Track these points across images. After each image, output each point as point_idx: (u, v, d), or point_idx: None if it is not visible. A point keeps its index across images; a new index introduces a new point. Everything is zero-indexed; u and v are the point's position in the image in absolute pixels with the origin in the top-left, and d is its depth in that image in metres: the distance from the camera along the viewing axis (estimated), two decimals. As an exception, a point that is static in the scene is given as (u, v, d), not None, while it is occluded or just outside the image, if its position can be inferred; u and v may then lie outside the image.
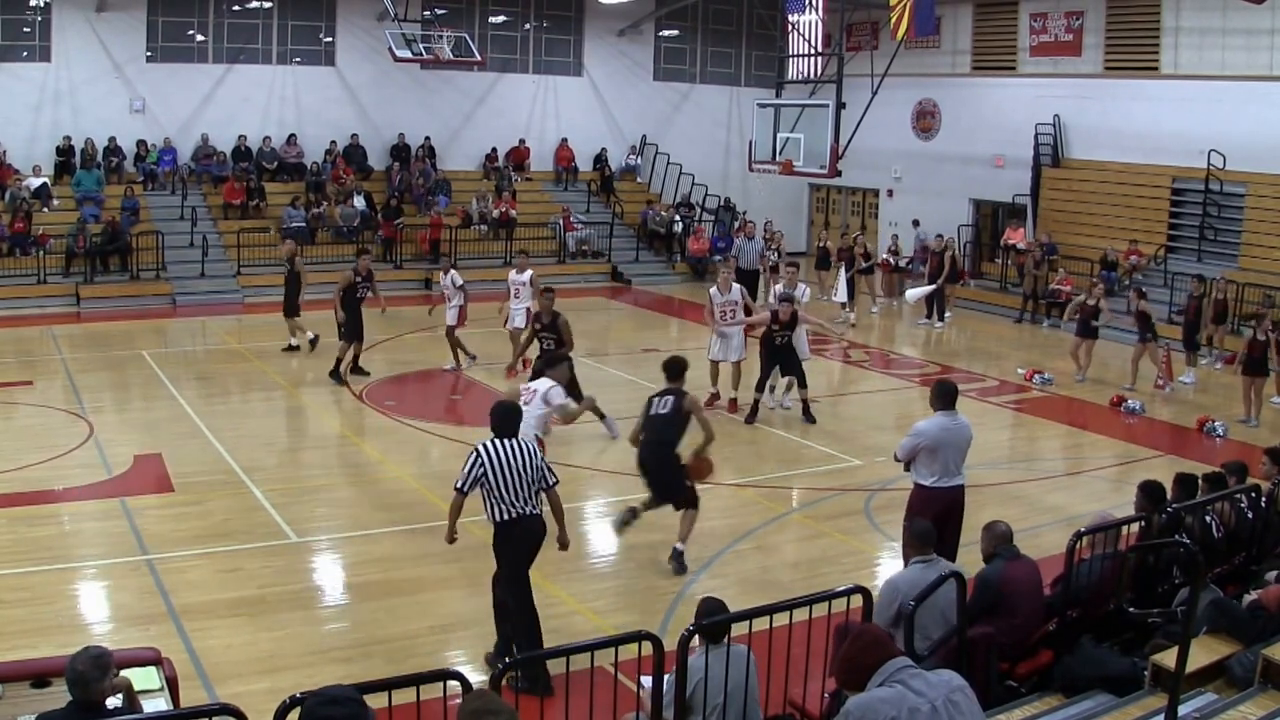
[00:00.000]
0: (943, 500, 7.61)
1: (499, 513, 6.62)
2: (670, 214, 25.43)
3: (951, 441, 7.61)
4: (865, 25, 25.50)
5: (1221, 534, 7.24)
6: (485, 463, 6.55)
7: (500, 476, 6.55)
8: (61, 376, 14.35)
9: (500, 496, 6.57)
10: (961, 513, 7.76)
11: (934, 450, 7.59)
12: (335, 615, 7.75)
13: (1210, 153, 19.72)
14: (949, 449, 7.60)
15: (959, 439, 7.66)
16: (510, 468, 6.56)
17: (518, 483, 6.58)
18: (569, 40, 26.88)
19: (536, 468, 6.68)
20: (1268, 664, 5.36)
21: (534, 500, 6.68)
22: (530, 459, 6.66)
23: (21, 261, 19.48)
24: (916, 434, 7.68)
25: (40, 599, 7.64)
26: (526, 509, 6.63)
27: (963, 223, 24.43)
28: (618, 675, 5.11)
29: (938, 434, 7.59)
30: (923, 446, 7.61)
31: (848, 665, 3.76)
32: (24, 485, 9.97)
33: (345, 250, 21.91)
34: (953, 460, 7.64)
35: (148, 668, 5.02)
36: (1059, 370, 16.08)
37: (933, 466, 7.61)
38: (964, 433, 7.70)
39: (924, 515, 7.67)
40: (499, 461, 6.56)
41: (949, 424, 7.63)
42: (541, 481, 6.70)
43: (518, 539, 6.66)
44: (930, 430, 7.61)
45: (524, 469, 6.60)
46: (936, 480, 7.63)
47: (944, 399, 7.72)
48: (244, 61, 23.32)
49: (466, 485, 6.61)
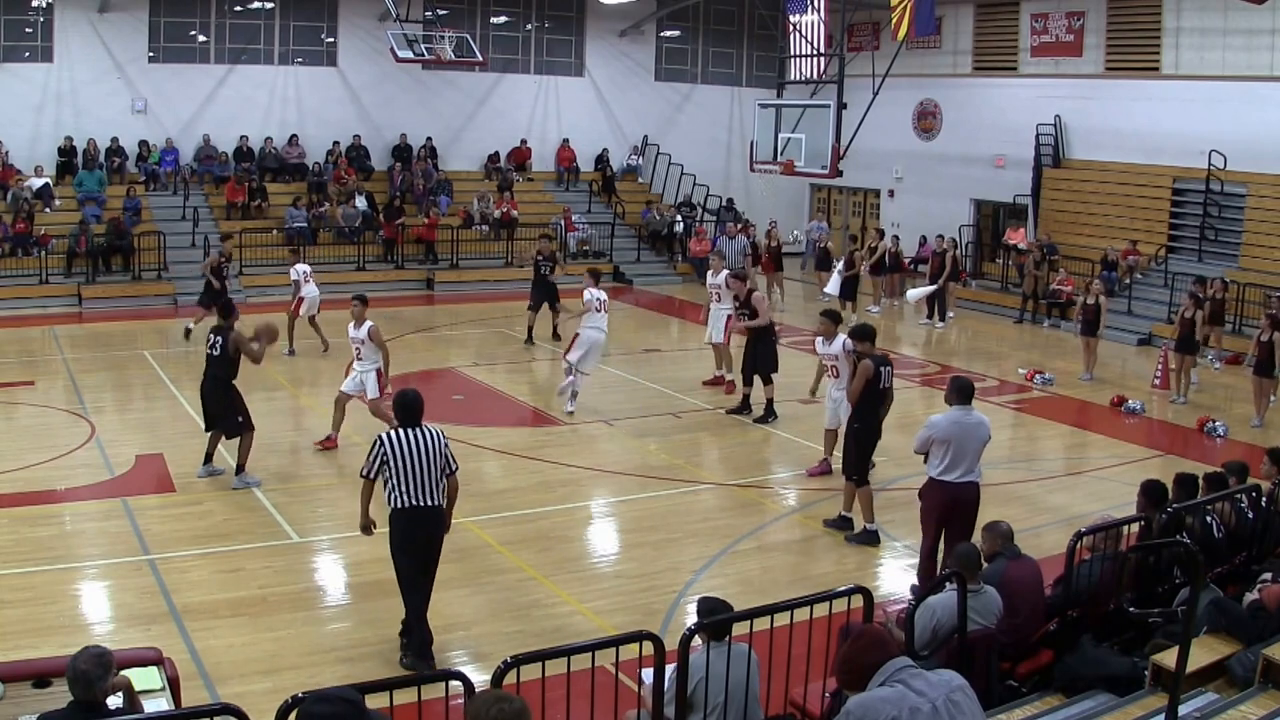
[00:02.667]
0: (951, 494, 7.73)
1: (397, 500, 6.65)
2: (671, 214, 25.44)
3: (964, 437, 7.71)
4: (866, 26, 25.53)
5: (1222, 534, 7.24)
6: (387, 451, 6.61)
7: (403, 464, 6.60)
8: (63, 376, 14.36)
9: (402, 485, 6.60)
10: (974, 511, 7.85)
11: (946, 444, 7.70)
12: (336, 615, 7.76)
13: (1211, 153, 19.72)
14: (962, 444, 7.70)
15: (974, 435, 7.75)
16: (414, 456, 6.61)
17: (421, 472, 6.62)
18: (570, 41, 26.89)
19: (441, 454, 6.72)
20: (1268, 664, 5.36)
21: (437, 492, 6.71)
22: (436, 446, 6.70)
23: (23, 262, 19.50)
24: (929, 426, 7.84)
25: (42, 599, 7.65)
26: (428, 500, 6.66)
27: (964, 223, 24.44)
28: (618, 675, 5.11)
29: (949, 428, 7.70)
30: (935, 439, 7.75)
31: (848, 665, 3.76)
32: (26, 485, 9.97)
33: (347, 251, 21.99)
34: (966, 456, 7.73)
35: (149, 667, 5.02)
36: (1060, 370, 16.08)
37: (944, 459, 7.73)
38: (979, 430, 7.81)
39: (931, 507, 7.88)
40: (401, 449, 6.61)
41: (962, 419, 7.74)
42: (445, 469, 6.75)
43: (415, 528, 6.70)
44: (942, 424, 7.74)
45: (429, 457, 6.64)
46: (946, 474, 7.73)
47: (960, 394, 7.86)
48: (246, 62, 23.34)
49: (372, 472, 6.71)
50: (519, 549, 8.94)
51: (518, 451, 11.65)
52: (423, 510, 6.64)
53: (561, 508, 10.03)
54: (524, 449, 11.75)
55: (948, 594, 5.81)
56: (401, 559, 6.75)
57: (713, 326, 14.59)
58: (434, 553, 6.80)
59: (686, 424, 13.00)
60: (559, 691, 4.55)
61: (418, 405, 6.88)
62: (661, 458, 11.62)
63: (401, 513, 6.63)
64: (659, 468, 11.28)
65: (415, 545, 6.71)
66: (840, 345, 10.51)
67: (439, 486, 6.71)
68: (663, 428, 12.80)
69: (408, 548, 6.70)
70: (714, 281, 14.61)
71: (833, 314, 11.02)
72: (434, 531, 6.77)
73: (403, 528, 6.67)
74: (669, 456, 11.68)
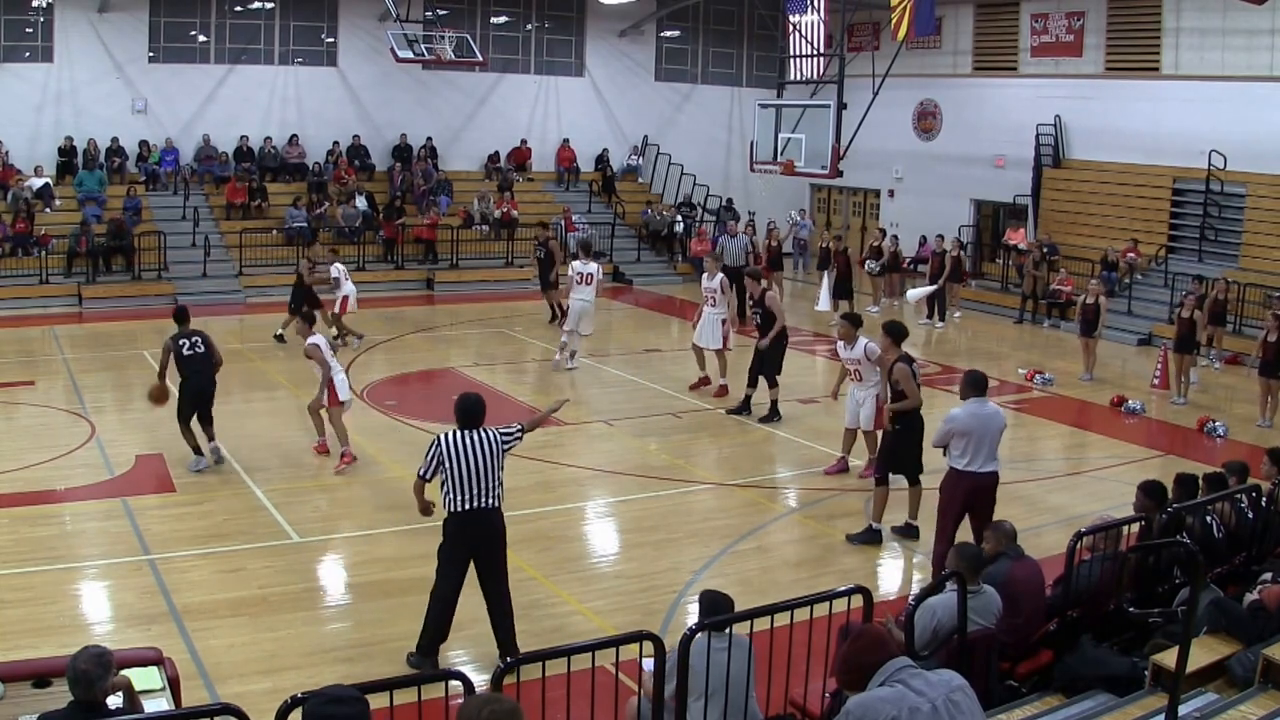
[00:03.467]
0: (975, 482, 8.00)
1: (454, 504, 6.64)
2: (671, 214, 25.44)
3: (982, 427, 7.98)
4: (866, 26, 25.53)
5: (1222, 534, 7.25)
6: (443, 452, 6.61)
7: (458, 466, 6.58)
8: (63, 376, 14.37)
9: (457, 487, 6.59)
10: (993, 498, 8.16)
11: (966, 435, 7.96)
12: (337, 615, 7.76)
13: (1211, 153, 19.72)
14: (980, 435, 7.97)
15: (990, 425, 8.03)
16: (469, 458, 6.59)
17: (476, 474, 6.61)
18: (570, 41, 26.89)
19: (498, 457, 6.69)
20: (1268, 664, 5.36)
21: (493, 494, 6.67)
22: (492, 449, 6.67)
23: (24, 262, 19.50)
24: (949, 420, 8.05)
25: (42, 599, 7.65)
26: (485, 501, 6.64)
27: (964, 223, 24.44)
28: (619, 675, 5.11)
29: (968, 420, 7.96)
30: (955, 431, 7.98)
31: (848, 665, 3.77)
32: (26, 485, 9.98)
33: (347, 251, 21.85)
34: (985, 446, 8.00)
35: (149, 667, 5.02)
36: (1060, 370, 16.08)
37: (965, 451, 7.99)
38: (995, 420, 8.10)
39: (955, 497, 8.11)
40: (457, 451, 6.60)
41: (979, 411, 8.03)
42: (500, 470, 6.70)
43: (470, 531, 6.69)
44: (961, 416, 7.98)
45: (484, 460, 6.63)
46: (968, 464, 8.00)
47: (974, 387, 8.13)
48: (246, 62, 23.34)
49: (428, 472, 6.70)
50: (519, 549, 8.92)
51: (518, 451, 11.58)
52: (478, 512, 6.63)
53: (562, 508, 10.04)
54: (524, 449, 11.61)
55: (948, 595, 5.81)
56: (449, 564, 6.73)
57: (706, 331, 14.02)
58: (497, 553, 6.79)
59: (686, 424, 13.01)
60: (559, 691, 4.55)
61: (479, 408, 6.88)
62: (661, 458, 11.62)
63: (456, 516, 6.64)
64: (659, 468, 11.28)
65: (470, 548, 6.70)
66: (862, 349, 10.49)
67: (494, 489, 6.68)
68: (663, 428, 12.81)
69: (455, 552, 6.69)
70: (709, 285, 14.07)
71: (853, 317, 10.97)
72: (491, 531, 6.75)
73: (454, 530, 6.68)
74: (669, 456, 11.69)
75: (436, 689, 4.85)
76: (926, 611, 5.67)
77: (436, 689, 4.85)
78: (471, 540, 6.70)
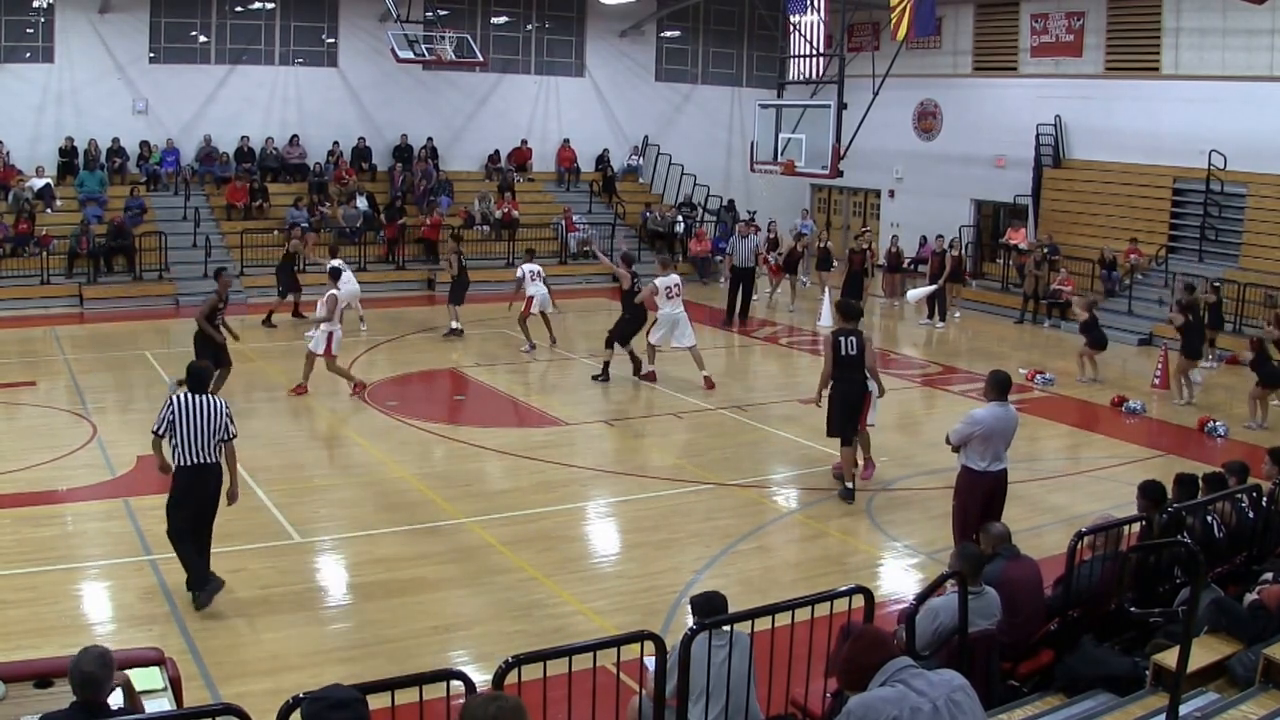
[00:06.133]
0: (993, 482, 8.09)
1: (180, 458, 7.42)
2: (672, 214, 25.44)
3: (1002, 429, 8.05)
4: (866, 26, 25.55)
5: (1223, 534, 7.25)
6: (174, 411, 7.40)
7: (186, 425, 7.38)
8: (65, 377, 14.37)
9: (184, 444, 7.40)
10: (1005, 494, 8.24)
11: (987, 437, 8.00)
12: (338, 615, 7.76)
13: (1211, 153, 19.72)
14: (999, 435, 8.04)
15: (1008, 426, 8.12)
16: (195, 420, 7.39)
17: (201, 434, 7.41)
18: (571, 41, 26.90)
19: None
20: (1269, 664, 5.37)
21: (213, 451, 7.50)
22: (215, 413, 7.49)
23: (25, 262, 19.50)
24: (973, 421, 8.04)
25: (44, 599, 7.65)
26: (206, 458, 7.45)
27: (964, 223, 24.44)
28: (619, 675, 5.12)
29: (992, 422, 8.01)
30: (978, 434, 8.00)
31: (849, 665, 3.77)
32: (27, 486, 9.98)
33: (348, 251, 21.88)
34: (1000, 446, 8.08)
35: (151, 668, 5.02)
36: (1060, 370, 16.08)
37: (984, 452, 8.03)
38: (1013, 421, 8.19)
39: (972, 497, 8.14)
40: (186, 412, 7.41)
41: (1001, 413, 8.09)
42: (223, 433, 7.52)
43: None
44: (986, 419, 8.02)
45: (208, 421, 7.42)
46: (987, 465, 8.06)
47: (998, 389, 8.16)
48: (246, 62, 23.35)
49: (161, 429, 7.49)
50: (520, 549, 8.95)
51: (518, 452, 11.66)
52: (202, 468, 7.47)
53: (562, 508, 10.04)
54: (525, 449, 11.75)
55: (950, 596, 5.82)
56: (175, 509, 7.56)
57: (686, 330, 14.51)
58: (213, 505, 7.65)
59: (686, 424, 13.02)
60: (560, 691, 4.56)
61: (208, 375, 7.89)
62: (662, 458, 11.63)
63: (183, 469, 7.46)
64: (659, 468, 11.29)
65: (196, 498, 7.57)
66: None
67: (213, 448, 7.50)
68: (663, 428, 12.81)
69: (184, 500, 7.53)
70: (669, 282, 14.57)
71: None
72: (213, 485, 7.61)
73: (184, 483, 7.53)
74: (669, 456, 11.69)
75: (438, 689, 4.85)
76: (929, 614, 5.68)
77: (438, 689, 4.85)
78: (198, 492, 7.50)
